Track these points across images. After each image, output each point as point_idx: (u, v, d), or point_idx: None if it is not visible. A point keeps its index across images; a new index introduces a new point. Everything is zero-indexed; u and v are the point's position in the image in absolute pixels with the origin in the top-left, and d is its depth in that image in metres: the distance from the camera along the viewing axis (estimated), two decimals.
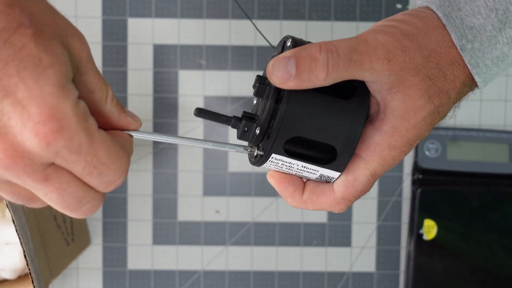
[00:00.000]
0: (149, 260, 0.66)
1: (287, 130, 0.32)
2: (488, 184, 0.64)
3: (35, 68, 0.25)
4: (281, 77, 0.30)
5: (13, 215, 0.48)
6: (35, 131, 0.24)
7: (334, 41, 0.31)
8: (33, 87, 0.25)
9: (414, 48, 0.32)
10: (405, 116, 0.32)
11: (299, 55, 0.30)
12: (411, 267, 0.64)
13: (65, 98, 0.25)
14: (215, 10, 0.64)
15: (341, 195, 0.34)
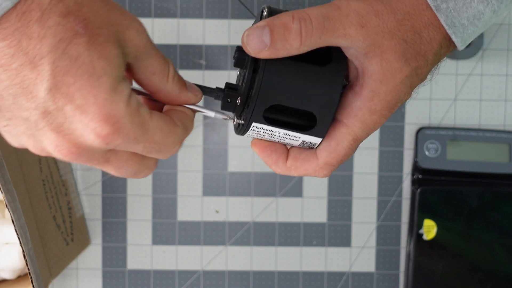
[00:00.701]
0: (149, 260, 0.66)
1: (265, 98, 0.33)
2: (488, 184, 0.64)
3: (90, 77, 0.27)
4: (256, 46, 0.31)
5: (12, 215, 0.48)
6: (95, 134, 0.28)
7: (307, 9, 0.31)
8: (88, 95, 0.27)
9: (388, 12, 0.32)
10: (384, 79, 0.32)
11: (273, 24, 0.31)
12: (411, 267, 0.64)
13: (118, 101, 0.28)
14: (214, 10, 0.64)
15: (324, 161, 0.35)
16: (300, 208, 0.65)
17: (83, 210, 0.65)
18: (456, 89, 0.65)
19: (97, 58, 0.28)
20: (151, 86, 0.33)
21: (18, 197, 0.49)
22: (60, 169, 0.62)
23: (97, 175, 0.65)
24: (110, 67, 0.28)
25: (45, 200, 0.56)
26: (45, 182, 0.57)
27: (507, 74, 0.65)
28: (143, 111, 0.30)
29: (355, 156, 0.65)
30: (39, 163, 0.56)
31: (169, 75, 0.33)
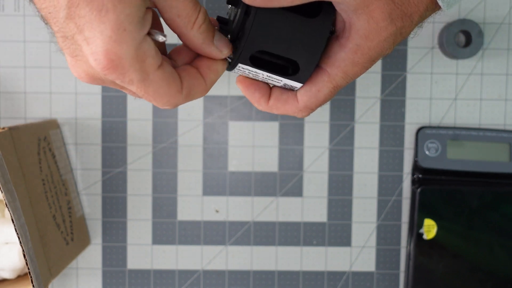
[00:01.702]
0: (149, 260, 0.66)
1: (252, 43, 0.34)
2: (488, 183, 0.64)
3: (99, 12, 0.30)
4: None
5: (12, 214, 0.48)
6: (95, 64, 0.31)
7: None
8: (96, 29, 0.30)
9: None
10: (369, 36, 0.34)
11: None
12: (411, 267, 0.64)
13: (123, 42, 0.30)
14: (214, 10, 0.64)
15: (304, 104, 0.37)
16: (300, 207, 0.65)
17: (83, 210, 0.65)
18: (456, 88, 0.65)
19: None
20: (176, 29, 0.34)
21: (18, 197, 0.49)
22: (60, 169, 0.61)
23: (97, 175, 0.65)
24: (121, 5, 0.30)
25: (45, 200, 0.56)
26: (45, 181, 0.57)
27: (507, 74, 0.65)
28: (150, 61, 0.32)
29: (355, 156, 0.65)
30: (39, 163, 0.56)
31: (196, 21, 0.34)
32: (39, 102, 0.64)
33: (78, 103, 0.64)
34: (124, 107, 0.64)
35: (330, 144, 0.65)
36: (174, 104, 0.34)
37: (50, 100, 0.64)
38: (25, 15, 0.64)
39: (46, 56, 0.64)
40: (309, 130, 0.65)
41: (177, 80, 0.34)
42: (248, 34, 0.34)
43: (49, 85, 0.64)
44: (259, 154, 0.65)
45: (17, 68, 0.64)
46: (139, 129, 0.65)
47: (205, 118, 0.65)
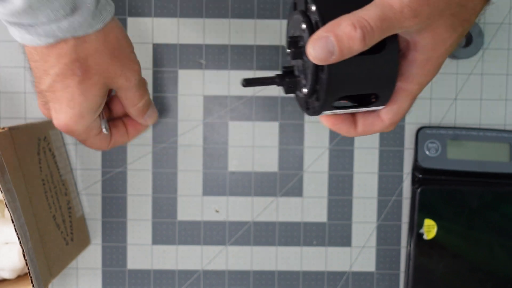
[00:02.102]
0: (149, 260, 0.66)
1: (332, 95, 0.37)
2: (488, 183, 0.63)
3: (68, 102, 0.47)
4: (324, 57, 0.33)
5: (12, 214, 0.48)
6: (56, 125, 0.49)
7: (362, 14, 0.33)
8: (63, 109, 0.47)
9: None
10: (435, 47, 0.37)
11: (337, 35, 0.33)
12: (411, 267, 0.64)
13: (78, 123, 0.48)
14: (214, 10, 0.64)
15: (389, 122, 0.41)
16: (300, 207, 0.65)
17: (83, 210, 0.65)
18: (456, 88, 0.65)
19: (78, 94, 0.46)
20: (124, 105, 0.54)
21: (18, 197, 0.49)
22: (60, 169, 0.61)
23: (97, 175, 0.65)
24: (86, 102, 0.47)
25: (45, 200, 0.56)
26: (45, 181, 0.57)
27: (508, 74, 0.65)
28: (92, 132, 0.51)
29: (355, 156, 0.65)
30: (39, 163, 0.56)
31: (137, 105, 0.54)
32: None
33: None
34: None
35: (330, 144, 0.65)
36: (101, 150, 0.57)
37: None
38: None
39: None
40: (309, 130, 0.65)
41: (107, 140, 0.55)
42: (326, 87, 0.36)
43: None
44: (259, 154, 0.65)
45: (17, 68, 0.64)
46: None
47: (205, 118, 0.65)
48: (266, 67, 0.64)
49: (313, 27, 0.36)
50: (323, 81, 0.36)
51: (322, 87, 0.36)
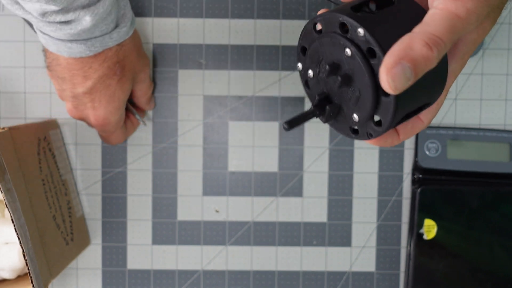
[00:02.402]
0: (149, 260, 0.66)
1: (397, 117, 0.35)
2: (488, 183, 0.64)
3: (109, 98, 0.54)
4: (402, 86, 0.31)
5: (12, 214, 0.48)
6: (94, 121, 0.56)
7: (432, 31, 0.32)
8: (103, 105, 0.55)
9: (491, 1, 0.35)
10: (477, 41, 0.37)
11: (414, 60, 0.31)
12: (411, 267, 0.64)
13: (115, 114, 0.56)
14: (214, 10, 0.64)
15: (428, 122, 0.40)
16: (300, 208, 0.65)
17: (83, 210, 0.65)
18: (456, 88, 0.65)
19: (118, 90, 0.54)
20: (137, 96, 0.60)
21: (18, 197, 0.49)
22: (60, 169, 0.61)
23: (97, 175, 0.65)
24: (123, 95, 0.55)
25: (45, 200, 0.56)
26: (45, 182, 0.57)
27: (508, 74, 0.65)
28: (119, 124, 0.58)
29: (355, 156, 0.65)
30: (39, 163, 0.56)
31: (148, 94, 0.61)
32: (39, 102, 0.64)
33: None
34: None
35: (330, 144, 0.65)
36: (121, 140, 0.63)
37: (50, 100, 0.64)
38: None
39: None
40: (309, 130, 0.65)
41: (125, 133, 0.62)
42: (394, 112, 0.34)
43: (49, 85, 0.64)
44: (259, 154, 0.65)
45: (17, 68, 0.64)
46: (138, 129, 0.65)
47: (205, 118, 0.65)
48: (266, 67, 0.64)
49: (363, 53, 0.33)
50: (388, 105, 0.34)
51: (388, 112, 0.34)
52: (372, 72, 0.33)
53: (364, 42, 0.33)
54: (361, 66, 0.33)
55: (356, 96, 0.35)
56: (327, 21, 0.35)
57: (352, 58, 0.34)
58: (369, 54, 0.33)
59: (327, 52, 0.36)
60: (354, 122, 0.36)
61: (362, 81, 0.34)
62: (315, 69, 0.37)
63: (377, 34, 0.32)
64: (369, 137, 0.37)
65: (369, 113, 0.35)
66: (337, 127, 0.39)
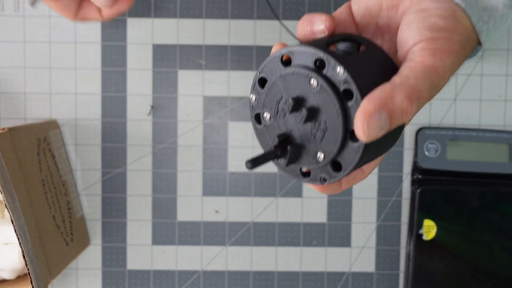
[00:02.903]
0: (149, 260, 0.66)
1: (359, 165, 0.33)
2: (488, 184, 0.64)
3: None
4: (375, 135, 0.30)
5: (12, 215, 0.48)
6: None
7: (414, 85, 0.31)
8: None
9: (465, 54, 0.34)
10: None
11: (392, 111, 0.30)
12: (411, 267, 0.64)
13: None
14: (214, 10, 0.64)
15: (369, 173, 0.39)
16: (300, 208, 0.65)
17: (83, 210, 0.65)
18: (456, 89, 0.65)
19: None
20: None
21: (18, 198, 0.49)
22: (60, 169, 0.61)
23: (97, 175, 0.65)
24: None
25: (45, 200, 0.56)
26: (45, 182, 0.57)
27: (507, 74, 0.65)
28: None
29: None
30: (39, 164, 0.56)
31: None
32: (39, 103, 0.64)
33: (78, 104, 0.64)
34: (124, 107, 0.64)
35: None
36: None
37: (50, 100, 0.64)
38: (25, 15, 0.64)
39: (46, 57, 0.64)
40: None
41: None
42: (359, 159, 0.32)
43: (49, 86, 0.64)
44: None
45: (17, 68, 0.64)
46: (139, 130, 0.65)
47: (205, 119, 0.65)
48: None
49: (338, 92, 0.31)
50: (354, 151, 0.32)
51: (353, 158, 0.32)
52: (345, 114, 0.31)
53: (341, 82, 0.31)
54: (333, 105, 0.31)
55: (321, 134, 0.33)
56: (299, 54, 0.33)
57: (320, 94, 0.32)
58: (345, 95, 0.31)
59: (290, 86, 0.33)
60: (317, 161, 0.33)
61: (331, 120, 0.32)
62: (273, 108, 0.34)
63: (356, 76, 0.31)
64: (322, 182, 0.34)
65: (333, 155, 0.33)
66: (288, 169, 0.36)
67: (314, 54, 0.32)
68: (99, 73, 0.64)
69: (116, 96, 0.64)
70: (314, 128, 0.33)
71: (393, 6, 0.36)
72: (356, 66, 0.32)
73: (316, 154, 0.33)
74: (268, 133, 0.35)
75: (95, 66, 0.64)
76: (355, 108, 0.31)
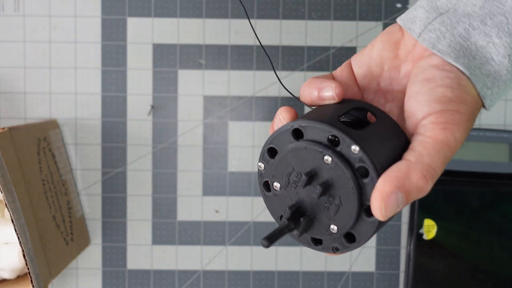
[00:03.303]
0: (149, 260, 0.66)
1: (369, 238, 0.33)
2: (488, 183, 0.63)
3: None
4: (392, 214, 0.30)
5: (12, 215, 0.48)
6: None
7: (429, 162, 0.31)
8: None
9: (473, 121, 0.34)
10: None
11: (408, 191, 0.30)
12: (411, 267, 0.64)
13: None
14: (214, 10, 0.64)
15: None
16: None
17: (83, 210, 0.65)
18: None
19: None
20: None
21: (18, 197, 0.49)
22: (60, 169, 0.61)
23: (97, 175, 0.65)
24: None
25: (45, 200, 0.56)
26: (45, 182, 0.57)
27: None
28: None
29: None
30: (39, 163, 0.56)
31: None
32: (39, 102, 0.64)
33: (78, 103, 0.64)
34: (124, 107, 0.64)
35: None
36: None
37: (50, 100, 0.64)
38: (25, 15, 0.64)
39: (46, 56, 0.64)
40: None
41: None
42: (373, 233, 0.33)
43: (49, 85, 0.64)
44: (259, 154, 0.65)
45: (17, 68, 0.64)
46: (139, 129, 0.65)
47: (205, 119, 0.65)
48: (266, 68, 0.64)
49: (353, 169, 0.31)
50: (369, 226, 0.32)
51: (367, 232, 0.33)
52: (360, 191, 0.32)
53: (356, 159, 0.31)
54: (348, 182, 0.32)
55: (335, 208, 0.33)
56: (312, 129, 0.33)
57: (334, 170, 0.32)
58: (359, 173, 0.31)
59: (302, 160, 0.33)
60: (330, 233, 0.34)
61: (345, 195, 0.32)
62: (283, 179, 0.34)
63: (371, 154, 0.31)
64: (335, 251, 0.35)
65: (347, 229, 0.33)
66: (298, 239, 0.36)
67: (329, 132, 0.32)
68: (99, 73, 0.64)
69: (116, 96, 0.64)
70: (327, 202, 0.33)
71: (395, 67, 0.36)
72: (370, 142, 0.32)
73: (330, 226, 0.34)
74: (278, 201, 0.36)
75: (95, 66, 0.64)
76: (370, 185, 0.31)
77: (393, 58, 0.36)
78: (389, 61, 0.36)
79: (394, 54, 0.36)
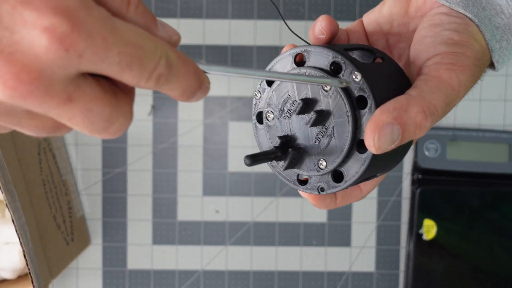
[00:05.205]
0: (149, 260, 0.66)
1: (362, 178, 0.32)
2: (487, 184, 0.64)
3: None
4: (385, 148, 0.29)
5: (12, 214, 0.48)
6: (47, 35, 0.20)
7: (430, 99, 0.30)
8: None
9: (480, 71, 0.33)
10: None
11: (405, 124, 0.29)
12: (411, 267, 0.64)
13: None
14: (214, 10, 0.64)
15: (366, 193, 0.37)
16: (300, 208, 0.65)
17: (83, 210, 0.65)
18: None
19: None
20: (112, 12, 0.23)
21: (18, 197, 0.49)
22: (61, 169, 0.62)
23: (97, 175, 0.65)
24: None
25: (45, 200, 0.56)
26: (45, 182, 0.57)
27: (507, 74, 0.65)
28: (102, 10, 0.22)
29: None
30: (39, 163, 0.56)
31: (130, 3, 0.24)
32: None
33: None
34: None
35: None
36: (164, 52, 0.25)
37: None
38: None
39: None
40: None
41: None
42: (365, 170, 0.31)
43: None
44: None
45: None
46: (139, 130, 0.65)
47: (205, 119, 0.65)
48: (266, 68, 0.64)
49: (352, 99, 0.30)
50: (360, 162, 0.31)
51: (358, 169, 0.31)
52: (356, 122, 0.30)
53: (356, 88, 0.30)
54: (344, 111, 0.30)
55: (327, 140, 0.32)
56: (316, 55, 0.32)
57: (332, 98, 0.31)
58: (358, 103, 0.30)
59: (300, 87, 0.32)
60: (318, 168, 0.32)
61: (339, 126, 0.31)
62: (278, 108, 0.33)
63: (373, 84, 0.30)
64: (319, 191, 0.33)
65: (337, 164, 0.31)
66: (282, 173, 0.35)
67: (332, 57, 0.31)
68: None
69: None
70: (320, 133, 0.32)
71: (404, 24, 0.36)
72: (373, 75, 0.31)
73: (318, 161, 0.32)
74: (269, 134, 0.34)
75: None
76: (367, 117, 0.30)
77: (403, 14, 0.36)
78: (399, 17, 0.36)
79: (404, 10, 0.36)
